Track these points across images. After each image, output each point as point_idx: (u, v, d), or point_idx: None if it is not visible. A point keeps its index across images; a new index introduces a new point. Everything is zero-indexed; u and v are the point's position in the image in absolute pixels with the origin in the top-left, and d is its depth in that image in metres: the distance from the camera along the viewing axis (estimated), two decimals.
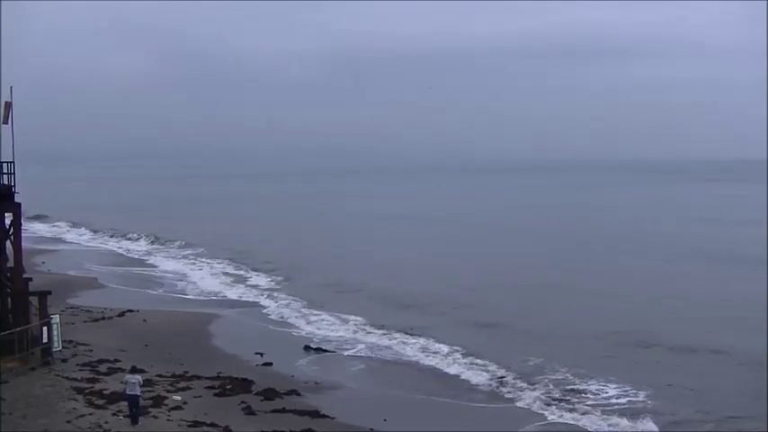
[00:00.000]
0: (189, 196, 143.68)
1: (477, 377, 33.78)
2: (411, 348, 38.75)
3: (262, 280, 58.60)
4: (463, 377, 34.08)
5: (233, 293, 54.14)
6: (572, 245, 76.09)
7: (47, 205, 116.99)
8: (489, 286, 54.94)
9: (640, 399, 30.53)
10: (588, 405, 29.83)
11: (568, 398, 30.64)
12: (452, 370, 35.19)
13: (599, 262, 64.99)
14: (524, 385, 32.25)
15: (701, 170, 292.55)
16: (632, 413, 28.69)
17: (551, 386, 31.92)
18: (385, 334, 41.46)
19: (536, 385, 32.14)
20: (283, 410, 28.69)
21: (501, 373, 34.04)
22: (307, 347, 39.03)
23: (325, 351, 38.47)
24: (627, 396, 30.82)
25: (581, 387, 31.84)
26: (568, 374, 33.26)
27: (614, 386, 31.91)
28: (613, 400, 30.45)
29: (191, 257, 70.84)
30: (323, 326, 43.83)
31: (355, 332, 42.27)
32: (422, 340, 39.79)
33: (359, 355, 38.03)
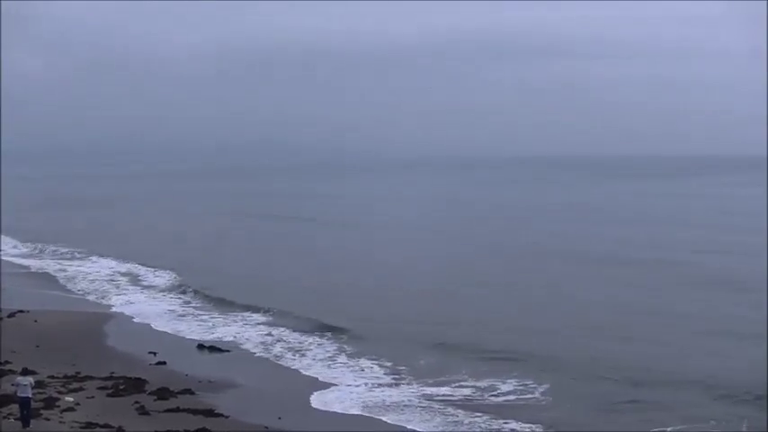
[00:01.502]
0: (77, 196, 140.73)
1: (363, 376, 34.15)
2: (305, 345, 39.09)
3: (155, 279, 58.22)
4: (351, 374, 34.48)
5: (125, 292, 53.69)
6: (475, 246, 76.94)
7: None
8: (392, 287, 55.37)
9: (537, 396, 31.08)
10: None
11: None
12: (339, 366, 35.67)
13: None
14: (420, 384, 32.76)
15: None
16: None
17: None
18: (280, 332, 41.61)
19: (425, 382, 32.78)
20: (177, 410, 28.77)
21: (392, 368, 34.63)
22: (200, 346, 39.07)
23: (220, 350, 38.59)
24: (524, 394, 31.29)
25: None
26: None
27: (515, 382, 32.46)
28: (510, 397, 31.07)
29: (79, 257, 69.64)
30: (217, 324, 43.88)
31: (250, 330, 42.37)
32: (314, 338, 40.15)
33: (253, 353, 38.20)
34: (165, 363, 35.58)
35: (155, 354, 36.92)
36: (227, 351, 38.37)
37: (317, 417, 29.45)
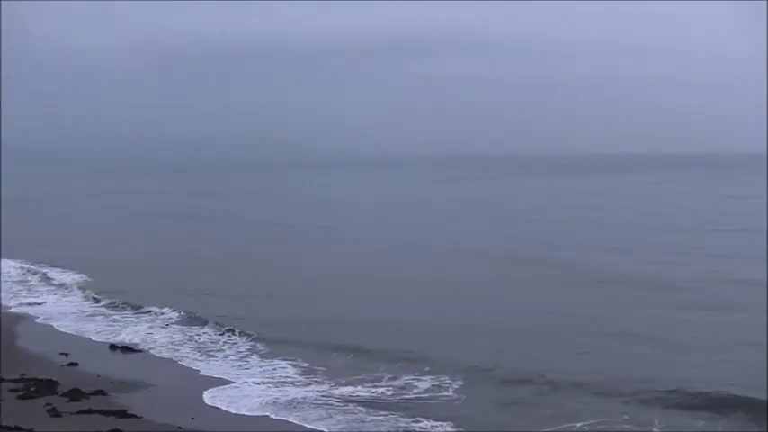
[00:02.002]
0: None
1: (273, 375, 34.30)
2: (219, 345, 39.21)
3: (65, 279, 57.58)
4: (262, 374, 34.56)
5: (36, 293, 53.08)
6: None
7: None
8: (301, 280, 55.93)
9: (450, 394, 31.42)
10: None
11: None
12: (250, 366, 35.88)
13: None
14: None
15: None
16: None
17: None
18: (193, 332, 41.64)
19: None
20: (90, 411, 28.57)
21: (306, 368, 34.89)
22: (112, 346, 38.86)
23: (132, 350, 38.47)
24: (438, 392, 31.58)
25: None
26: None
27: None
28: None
29: None
30: (129, 324, 43.67)
31: (162, 330, 42.23)
32: (228, 336, 40.25)
33: (164, 353, 38.05)
34: (76, 364, 35.34)
35: (66, 355, 36.63)
36: (140, 351, 38.24)
37: (228, 416, 29.45)
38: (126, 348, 38.58)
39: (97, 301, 49.72)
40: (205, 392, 31.82)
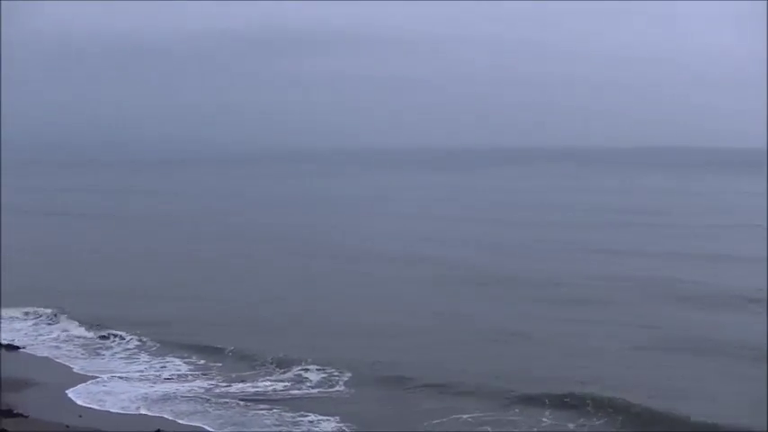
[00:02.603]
0: None
1: (158, 372, 34.52)
2: (106, 344, 39.10)
3: None
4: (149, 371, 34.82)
5: None
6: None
7: None
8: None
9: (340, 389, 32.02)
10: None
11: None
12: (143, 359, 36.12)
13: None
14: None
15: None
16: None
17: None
18: (80, 330, 41.38)
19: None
20: None
21: (193, 364, 35.29)
22: None
23: (16, 347, 38.03)
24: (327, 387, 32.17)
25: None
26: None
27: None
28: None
29: None
30: (14, 321, 43.13)
31: (46, 328, 41.97)
32: (114, 336, 40.01)
33: (47, 351, 37.80)
34: None
35: None
36: (22, 348, 37.85)
37: (115, 414, 29.47)
38: (11, 346, 37.98)
39: None
40: (82, 389, 31.85)
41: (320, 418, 28.79)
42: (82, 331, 41.22)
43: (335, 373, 33.17)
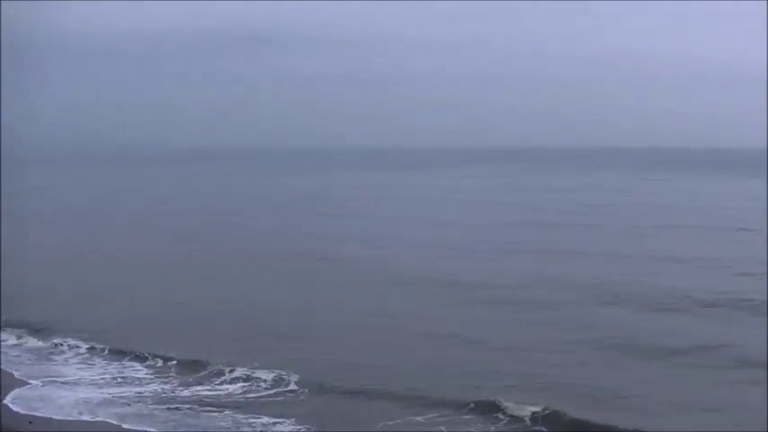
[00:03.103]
0: None
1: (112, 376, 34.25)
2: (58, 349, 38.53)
3: None
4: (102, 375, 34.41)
5: None
6: None
7: None
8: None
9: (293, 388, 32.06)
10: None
11: None
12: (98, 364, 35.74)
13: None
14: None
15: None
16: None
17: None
18: (27, 337, 40.76)
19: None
20: None
21: (147, 368, 35.05)
22: None
23: None
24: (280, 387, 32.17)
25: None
26: None
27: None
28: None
29: None
30: None
31: None
32: (65, 341, 39.40)
33: None
34: None
35: None
36: None
37: (68, 420, 29.04)
38: None
39: None
40: (22, 393, 31.41)
41: (274, 420, 28.74)
42: (26, 336, 40.61)
43: (286, 376, 33.03)
